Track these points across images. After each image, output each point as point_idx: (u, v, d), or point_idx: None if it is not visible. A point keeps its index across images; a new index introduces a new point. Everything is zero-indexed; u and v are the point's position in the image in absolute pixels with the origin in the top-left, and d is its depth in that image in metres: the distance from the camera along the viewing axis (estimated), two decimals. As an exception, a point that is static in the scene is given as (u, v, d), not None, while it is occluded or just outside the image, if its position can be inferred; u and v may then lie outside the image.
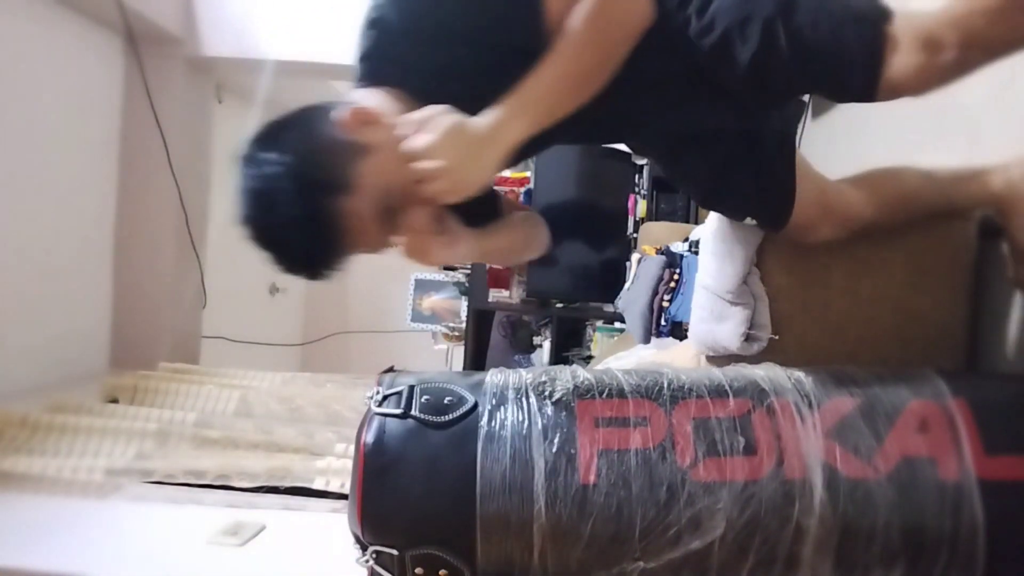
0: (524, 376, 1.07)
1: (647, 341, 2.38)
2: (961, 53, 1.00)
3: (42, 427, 2.19)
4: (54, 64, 2.83)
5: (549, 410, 1.00)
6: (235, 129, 3.90)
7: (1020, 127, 1.40)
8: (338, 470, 2.08)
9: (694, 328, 1.57)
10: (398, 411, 1.00)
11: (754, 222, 1.34)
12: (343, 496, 1.97)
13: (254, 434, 2.30)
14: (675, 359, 1.86)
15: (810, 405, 1.03)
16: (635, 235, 3.56)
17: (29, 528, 1.73)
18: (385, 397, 1.02)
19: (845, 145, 2.24)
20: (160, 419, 2.34)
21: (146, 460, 2.11)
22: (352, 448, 2.20)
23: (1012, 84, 1.42)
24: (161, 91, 3.24)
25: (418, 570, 0.96)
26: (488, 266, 3.79)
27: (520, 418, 1.00)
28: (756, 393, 1.04)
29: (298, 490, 2.03)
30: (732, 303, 1.39)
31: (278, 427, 2.41)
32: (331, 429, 2.41)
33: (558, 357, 3.76)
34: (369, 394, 1.04)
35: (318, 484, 2.04)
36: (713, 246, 1.47)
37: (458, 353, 4.47)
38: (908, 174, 1.34)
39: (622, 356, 2.35)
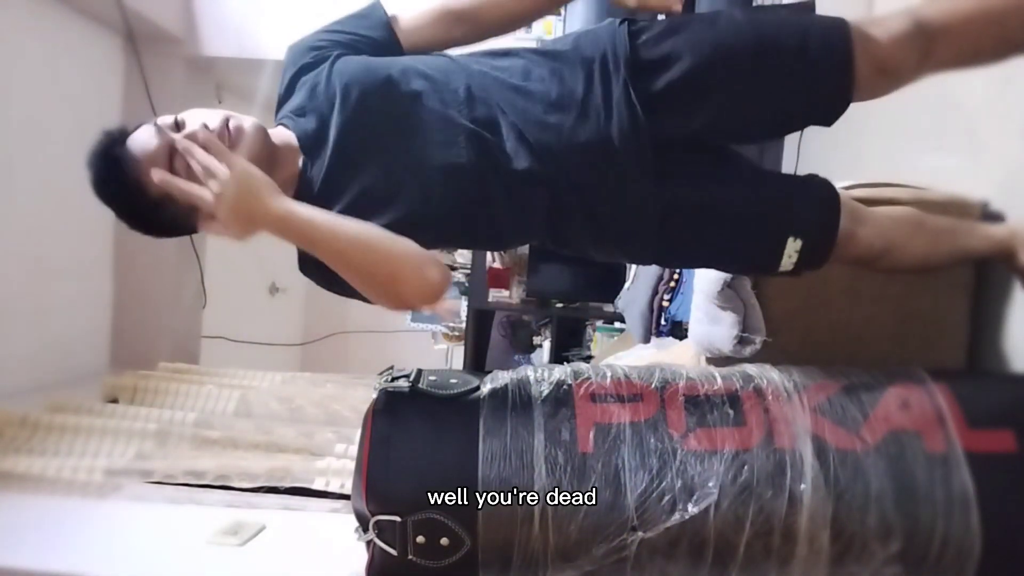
0: (523, 369, 1.14)
1: (647, 340, 2.38)
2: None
3: (42, 427, 2.19)
4: (54, 64, 2.83)
5: (547, 388, 1.07)
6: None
7: (1020, 127, 1.40)
8: (338, 470, 2.08)
9: (693, 329, 1.58)
10: (406, 385, 1.07)
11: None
12: (343, 496, 1.97)
13: (254, 434, 2.30)
14: (675, 359, 1.86)
15: (796, 386, 1.08)
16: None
17: (29, 528, 1.73)
18: (395, 378, 1.09)
19: (845, 145, 2.24)
20: (160, 419, 2.34)
21: (146, 460, 2.11)
22: (352, 448, 2.21)
23: (1012, 84, 1.42)
24: (161, 91, 3.24)
25: (420, 538, 0.99)
26: (488, 266, 3.79)
27: (521, 394, 1.07)
28: (744, 377, 1.10)
29: (298, 490, 2.03)
30: (721, 307, 1.39)
31: (278, 427, 2.41)
32: (331, 429, 2.41)
33: (558, 357, 3.76)
34: (380, 373, 1.11)
35: (318, 484, 2.04)
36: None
37: (458, 353, 4.46)
38: (899, 212, 1.31)
39: (622, 356, 2.35)
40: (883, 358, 1.32)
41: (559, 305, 3.77)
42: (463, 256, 4.36)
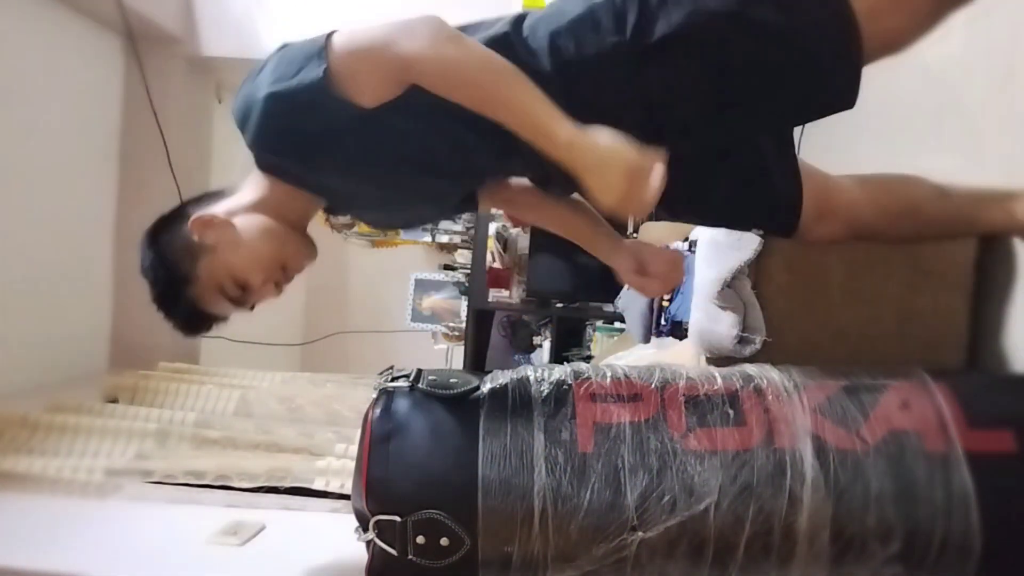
0: (523, 369, 1.14)
1: (647, 341, 2.38)
2: None
3: (42, 427, 2.19)
4: (54, 64, 2.83)
5: (547, 388, 1.07)
6: (235, 129, 3.90)
7: (1020, 127, 1.40)
8: (338, 470, 2.08)
9: (693, 329, 1.58)
10: (406, 385, 1.08)
11: (760, 232, 1.33)
12: (343, 496, 1.97)
13: (254, 434, 2.30)
14: (675, 359, 1.86)
15: (796, 386, 1.08)
16: (635, 235, 3.55)
17: (29, 528, 1.73)
18: (395, 378, 1.10)
19: (845, 145, 2.24)
20: (160, 419, 2.34)
21: (146, 460, 2.11)
22: (352, 448, 2.21)
23: (1012, 84, 1.42)
24: (161, 91, 3.24)
25: (420, 539, 0.99)
26: (488, 266, 3.79)
27: (521, 392, 1.07)
28: (743, 376, 1.11)
29: (298, 490, 2.03)
30: (721, 307, 1.39)
31: (278, 427, 2.41)
32: (331, 429, 2.41)
33: (558, 357, 3.76)
34: (380, 373, 1.12)
35: (318, 484, 2.03)
36: (704, 251, 1.48)
37: (458, 353, 4.47)
38: (921, 184, 1.31)
39: (622, 356, 2.35)
40: (883, 358, 1.32)
41: (559, 305, 3.77)
42: (463, 256, 4.36)
